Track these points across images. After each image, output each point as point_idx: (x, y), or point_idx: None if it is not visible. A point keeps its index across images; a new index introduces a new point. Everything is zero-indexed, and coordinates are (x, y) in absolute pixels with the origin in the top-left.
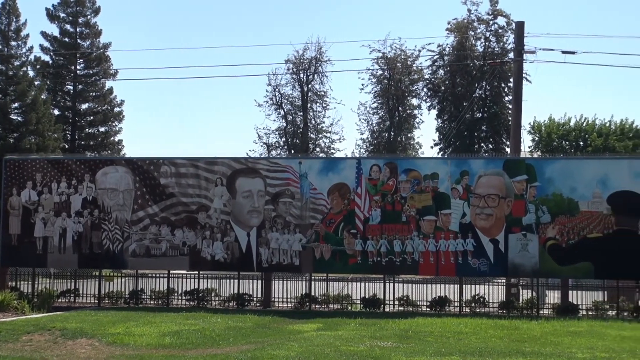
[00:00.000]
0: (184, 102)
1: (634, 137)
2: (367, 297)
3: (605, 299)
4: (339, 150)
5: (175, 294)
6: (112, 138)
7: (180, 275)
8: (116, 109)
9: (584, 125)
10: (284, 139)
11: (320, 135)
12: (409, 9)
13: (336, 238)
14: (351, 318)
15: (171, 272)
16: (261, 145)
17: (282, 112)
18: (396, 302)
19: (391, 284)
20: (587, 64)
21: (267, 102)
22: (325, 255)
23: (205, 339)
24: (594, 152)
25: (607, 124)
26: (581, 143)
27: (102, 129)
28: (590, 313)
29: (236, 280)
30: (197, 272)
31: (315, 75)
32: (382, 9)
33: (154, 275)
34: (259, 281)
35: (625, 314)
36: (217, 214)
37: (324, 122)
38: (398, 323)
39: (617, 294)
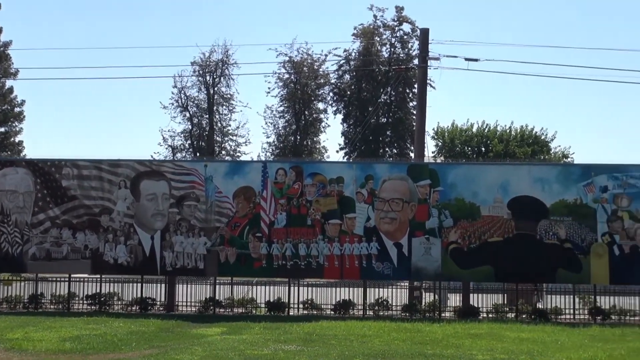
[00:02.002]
0: (88, 103)
1: (534, 144)
2: (272, 300)
3: (505, 302)
4: (244, 153)
5: (77, 298)
6: (12, 139)
7: (82, 279)
8: (17, 109)
9: (486, 131)
10: (189, 142)
11: (226, 139)
12: (316, 14)
13: (241, 241)
14: (256, 322)
15: (72, 275)
16: (166, 148)
17: (187, 115)
18: (301, 306)
19: (296, 288)
20: (489, 71)
21: (173, 104)
22: (230, 258)
23: (106, 343)
24: (495, 157)
25: (508, 131)
26: (483, 149)
27: (1, 130)
28: (490, 315)
29: (139, 284)
30: (99, 276)
31: (222, 78)
32: (290, 13)
33: (54, 279)
34: (163, 285)
35: (524, 316)
36: (121, 217)
37: (230, 125)
38: (302, 326)
39: (517, 296)
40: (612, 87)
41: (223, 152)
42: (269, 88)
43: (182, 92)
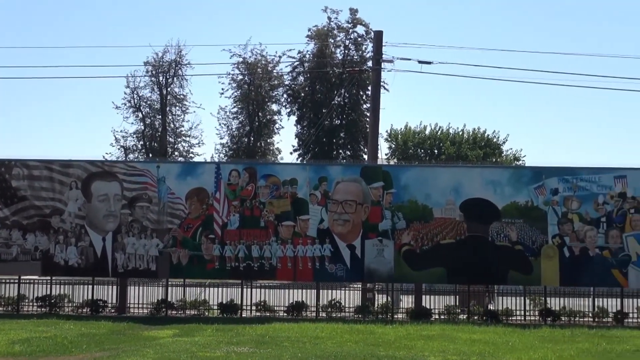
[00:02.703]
0: (39, 103)
1: (486, 146)
2: (224, 302)
3: (457, 303)
4: (198, 154)
5: (26, 301)
6: None
7: (32, 281)
8: None
9: (439, 133)
10: (142, 143)
11: (179, 139)
12: (270, 15)
13: (194, 243)
14: (208, 324)
15: (22, 277)
16: (118, 149)
17: (140, 115)
18: (254, 308)
19: (249, 290)
20: (442, 74)
21: (125, 104)
22: (183, 260)
23: (57, 346)
24: (447, 160)
25: (461, 133)
26: (436, 151)
27: None
28: (442, 317)
29: (90, 286)
30: (49, 278)
31: (175, 79)
32: (244, 14)
33: (3, 280)
34: (114, 287)
35: (475, 317)
36: (72, 218)
37: (183, 126)
38: (255, 328)
39: (468, 298)
40: (563, 90)
41: (176, 153)
42: (222, 89)
43: (135, 92)
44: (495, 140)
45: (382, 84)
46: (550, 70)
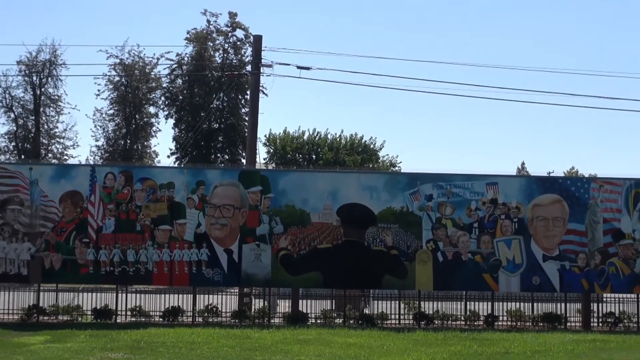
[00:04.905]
0: None
1: (363, 152)
2: (98, 308)
3: (333, 308)
4: (72, 157)
5: None
6: None
7: None
8: None
9: (317, 139)
10: (14, 144)
11: (53, 141)
12: (149, 17)
13: (67, 247)
14: (82, 330)
15: None
16: None
17: (12, 116)
18: (129, 313)
19: (124, 295)
20: (321, 80)
21: None
22: (56, 265)
23: None
24: (325, 165)
25: (338, 139)
26: (314, 156)
27: None
28: (319, 321)
29: None
30: None
31: (49, 79)
32: (122, 15)
33: None
34: None
35: (351, 321)
36: None
37: (57, 128)
38: (130, 334)
39: (344, 302)
40: (437, 98)
41: (49, 155)
42: (98, 90)
43: (7, 92)
44: (372, 146)
45: (261, 88)
46: (425, 79)
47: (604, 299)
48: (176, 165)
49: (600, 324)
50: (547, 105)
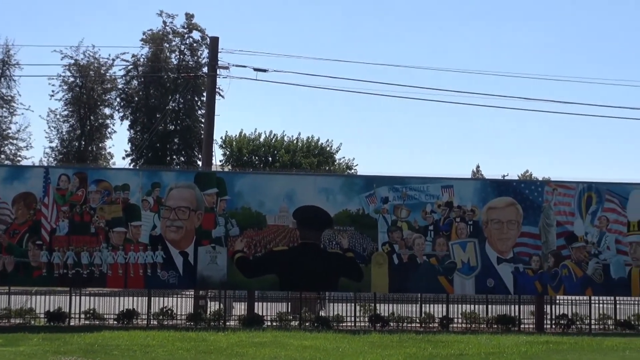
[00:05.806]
0: None
1: (319, 155)
2: (52, 310)
3: (289, 310)
4: (25, 158)
5: None
6: None
7: None
8: None
9: (273, 141)
10: None
11: (5, 142)
12: (103, 17)
13: (20, 249)
14: (34, 333)
15: None
16: None
17: None
18: (83, 316)
19: (78, 297)
20: (277, 82)
21: None
22: (8, 267)
23: None
24: (282, 167)
25: (295, 141)
26: (270, 159)
27: None
28: (274, 324)
29: None
30: None
31: (2, 79)
32: (76, 15)
33: None
34: None
35: (307, 324)
36: None
37: (10, 129)
38: (84, 337)
39: (300, 304)
40: (394, 101)
41: (2, 156)
42: (52, 91)
43: None
44: (328, 148)
45: (217, 90)
46: (382, 82)
47: (557, 301)
48: (131, 167)
49: (554, 326)
50: (502, 109)
